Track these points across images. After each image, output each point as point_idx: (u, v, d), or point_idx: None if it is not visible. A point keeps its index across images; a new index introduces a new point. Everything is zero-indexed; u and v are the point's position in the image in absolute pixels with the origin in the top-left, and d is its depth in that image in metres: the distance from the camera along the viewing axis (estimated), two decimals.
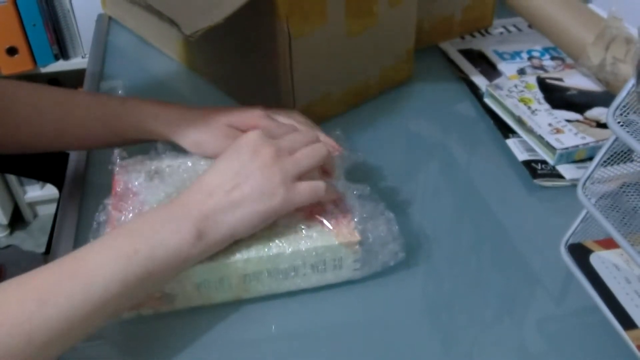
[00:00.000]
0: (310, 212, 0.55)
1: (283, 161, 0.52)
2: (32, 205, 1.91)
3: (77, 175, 0.71)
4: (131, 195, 0.56)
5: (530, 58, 0.91)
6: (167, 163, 0.59)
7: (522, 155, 0.72)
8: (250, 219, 0.50)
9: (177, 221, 0.48)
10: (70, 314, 0.43)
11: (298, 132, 0.57)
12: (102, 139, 0.64)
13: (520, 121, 0.74)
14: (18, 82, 0.63)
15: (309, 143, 0.55)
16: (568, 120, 0.73)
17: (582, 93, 0.79)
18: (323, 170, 0.58)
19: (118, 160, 0.59)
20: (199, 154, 0.61)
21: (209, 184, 0.51)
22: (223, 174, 0.51)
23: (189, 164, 0.59)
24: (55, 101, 0.62)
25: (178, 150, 0.61)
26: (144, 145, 0.63)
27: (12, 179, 1.81)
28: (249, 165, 0.51)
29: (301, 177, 0.53)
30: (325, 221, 0.54)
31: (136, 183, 0.57)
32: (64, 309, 0.42)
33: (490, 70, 0.89)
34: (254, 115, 0.62)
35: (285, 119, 0.64)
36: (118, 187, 0.56)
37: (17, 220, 1.91)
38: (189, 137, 0.61)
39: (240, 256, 0.52)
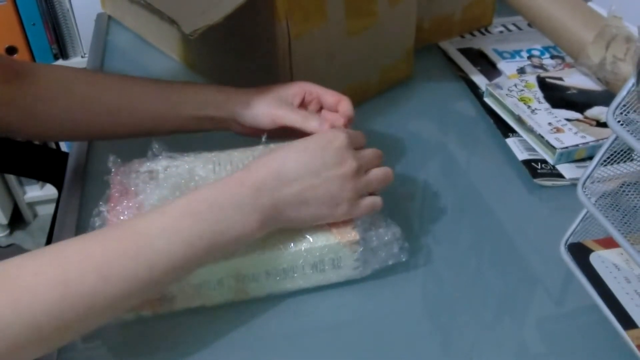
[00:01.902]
0: None
1: (360, 180, 0.53)
2: (31, 205, 1.91)
3: (76, 175, 0.71)
4: (129, 198, 0.55)
5: (530, 57, 0.91)
6: (164, 164, 0.59)
7: (522, 155, 0.72)
8: (308, 218, 0.52)
9: (245, 209, 0.48)
10: (130, 290, 0.44)
11: (373, 151, 0.57)
12: (164, 124, 0.65)
13: (520, 120, 0.74)
14: (77, 68, 0.65)
15: (380, 164, 0.57)
16: (568, 120, 0.73)
17: (582, 92, 0.79)
18: None
19: (117, 165, 0.58)
20: (248, 117, 0.62)
21: (287, 173, 0.51)
22: (304, 168, 0.51)
23: (186, 166, 0.58)
24: (114, 82, 0.64)
25: (174, 151, 0.61)
26: (140, 147, 0.62)
27: (11, 179, 1.81)
28: (331, 171, 0.51)
29: None
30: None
31: (132, 187, 0.56)
32: (123, 287, 0.44)
33: (490, 69, 0.89)
34: (306, 82, 0.64)
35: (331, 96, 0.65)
36: (115, 191, 0.56)
37: (17, 220, 1.91)
38: (245, 106, 0.63)
39: (240, 257, 0.52)
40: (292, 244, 0.53)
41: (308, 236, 0.53)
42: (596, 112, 0.75)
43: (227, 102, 0.64)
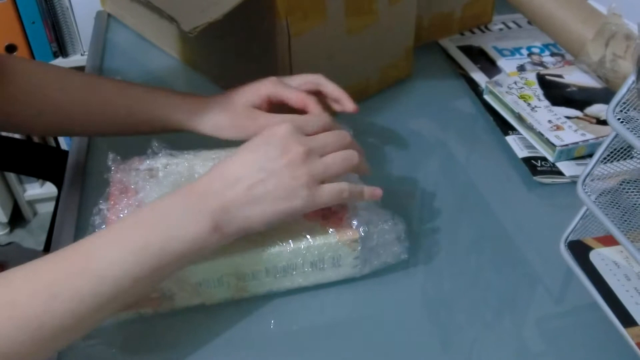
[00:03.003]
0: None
1: (312, 163, 0.50)
2: (31, 203, 1.91)
3: (76, 173, 0.71)
4: (129, 196, 0.55)
5: (530, 54, 0.91)
6: (163, 162, 0.59)
7: (521, 152, 0.72)
8: (268, 216, 0.49)
9: (193, 214, 0.47)
10: (80, 309, 0.42)
11: (332, 133, 0.55)
12: (126, 127, 0.64)
13: (520, 118, 0.74)
14: (49, 65, 0.64)
15: (341, 146, 0.54)
16: (568, 117, 0.73)
17: (582, 90, 0.79)
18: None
19: (117, 162, 0.58)
20: (222, 137, 0.61)
21: (232, 173, 0.49)
22: (248, 165, 0.49)
23: (186, 163, 0.59)
24: (83, 85, 0.63)
25: (174, 149, 0.61)
26: (140, 145, 0.62)
27: (11, 177, 1.81)
28: (277, 162, 0.49)
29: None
30: (325, 219, 0.54)
31: (132, 185, 0.56)
32: (73, 304, 0.42)
33: (489, 66, 0.89)
34: (267, 84, 0.62)
35: (299, 80, 0.64)
36: (115, 189, 0.56)
37: (17, 218, 1.91)
38: (208, 122, 0.62)
39: (239, 255, 0.52)
40: (291, 242, 0.53)
41: (307, 234, 0.53)
42: (596, 109, 0.75)
43: (179, 109, 0.62)
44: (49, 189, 1.85)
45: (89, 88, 0.64)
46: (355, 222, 0.54)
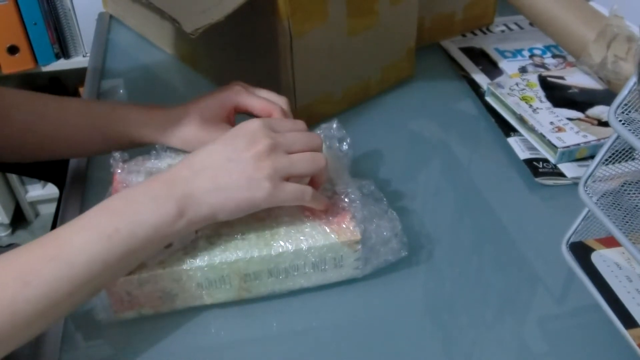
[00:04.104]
0: (312, 211, 0.55)
1: (277, 156, 0.51)
2: (33, 204, 1.91)
3: (78, 174, 0.71)
4: None
5: (531, 56, 0.91)
6: (168, 162, 0.59)
7: (523, 154, 0.72)
8: (231, 205, 0.50)
9: (159, 200, 0.48)
10: (53, 294, 0.43)
11: (303, 133, 0.56)
12: (95, 146, 0.64)
13: (521, 119, 0.74)
14: (16, 90, 0.64)
15: (310, 147, 0.54)
16: (569, 119, 0.73)
17: (584, 91, 0.79)
18: (312, 179, 0.56)
19: (119, 162, 0.59)
20: (189, 150, 0.61)
21: (199, 162, 0.51)
22: (215, 155, 0.51)
23: None
24: (51, 108, 0.63)
25: (178, 149, 0.61)
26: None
27: (13, 178, 1.81)
28: (243, 153, 0.50)
29: (291, 179, 0.52)
30: (326, 220, 0.54)
31: (135, 184, 0.56)
32: (46, 289, 0.43)
33: (491, 68, 0.89)
34: (231, 96, 0.62)
35: (265, 95, 0.63)
36: (118, 188, 0.56)
37: (19, 220, 1.91)
38: (176, 137, 0.62)
39: (242, 256, 0.52)
40: (293, 243, 0.53)
41: (309, 235, 0.53)
42: (597, 111, 0.75)
43: (144, 125, 0.62)
44: (51, 190, 1.85)
45: (56, 111, 0.63)
46: (357, 223, 0.54)
